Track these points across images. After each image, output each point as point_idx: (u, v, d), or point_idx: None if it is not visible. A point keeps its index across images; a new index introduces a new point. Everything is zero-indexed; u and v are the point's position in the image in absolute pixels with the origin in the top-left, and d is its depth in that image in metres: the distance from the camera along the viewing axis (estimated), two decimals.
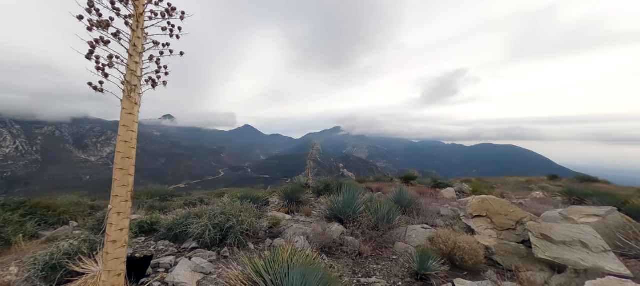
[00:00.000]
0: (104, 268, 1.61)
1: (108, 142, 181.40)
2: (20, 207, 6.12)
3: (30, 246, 5.33)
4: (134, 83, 1.66)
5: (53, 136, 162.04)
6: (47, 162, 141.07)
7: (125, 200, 1.64)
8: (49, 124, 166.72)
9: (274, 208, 8.59)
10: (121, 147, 1.61)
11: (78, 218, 7.25)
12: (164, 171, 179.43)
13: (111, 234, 1.61)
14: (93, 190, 13.81)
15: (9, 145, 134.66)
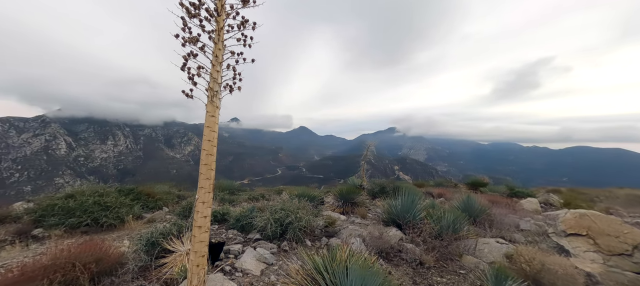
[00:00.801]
0: (191, 249, 1.88)
1: (189, 142, 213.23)
2: (130, 193, 7.66)
3: (136, 224, 6.63)
4: (215, 90, 1.89)
5: (150, 137, 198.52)
6: (147, 158, 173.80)
7: (208, 191, 1.88)
8: (148, 127, 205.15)
9: (328, 208, 8.72)
10: (205, 145, 1.86)
11: (169, 205, 8.70)
12: (231, 168, 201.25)
13: (197, 220, 1.87)
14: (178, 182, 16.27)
15: (121, 144, 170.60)
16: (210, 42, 2.03)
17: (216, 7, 1.85)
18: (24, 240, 5.25)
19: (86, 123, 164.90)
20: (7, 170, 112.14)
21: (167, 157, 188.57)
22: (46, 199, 6.33)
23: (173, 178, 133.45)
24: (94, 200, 6.16)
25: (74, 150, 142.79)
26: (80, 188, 6.84)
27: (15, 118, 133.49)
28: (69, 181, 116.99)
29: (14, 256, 4.56)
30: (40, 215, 5.80)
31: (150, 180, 14.09)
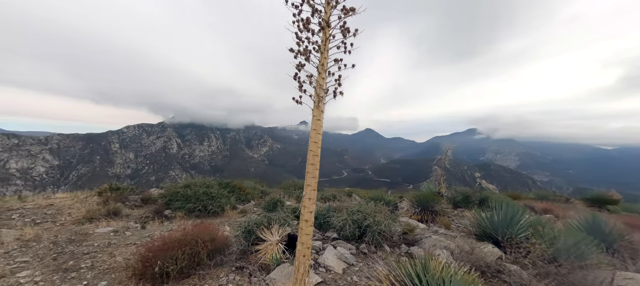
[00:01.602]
0: (299, 239, 2.07)
1: (264, 143, 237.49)
2: (227, 187, 9.00)
3: (232, 213, 7.75)
4: (321, 95, 2.05)
5: (235, 139, 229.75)
6: (232, 157, 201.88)
7: (314, 189, 2.04)
8: (233, 130, 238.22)
9: (404, 214, 8.28)
10: (312, 146, 2.03)
11: (255, 198, 9.87)
12: (301, 168, 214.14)
13: (304, 214, 2.05)
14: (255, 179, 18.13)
15: (214, 145, 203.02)
16: (314, 53, 2.19)
17: (323, 21, 2.01)
18: (160, 217, 6.80)
19: (190, 127, 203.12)
20: (141, 164, 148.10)
21: (247, 157, 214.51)
22: (172, 187, 8.07)
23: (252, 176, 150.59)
24: (203, 190, 7.50)
25: (182, 149, 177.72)
26: (193, 180, 8.45)
27: (146, 125, 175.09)
28: (178, 174, 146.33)
29: (155, 229, 5.96)
30: (168, 200, 7.42)
31: (234, 177, 16.16)
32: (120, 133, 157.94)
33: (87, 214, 6.16)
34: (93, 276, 3.86)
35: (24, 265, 4.07)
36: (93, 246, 4.86)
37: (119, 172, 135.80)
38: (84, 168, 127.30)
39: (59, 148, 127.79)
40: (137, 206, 7.55)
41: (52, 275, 3.82)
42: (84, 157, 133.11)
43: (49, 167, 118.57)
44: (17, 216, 5.88)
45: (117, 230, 5.72)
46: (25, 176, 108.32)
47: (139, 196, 8.03)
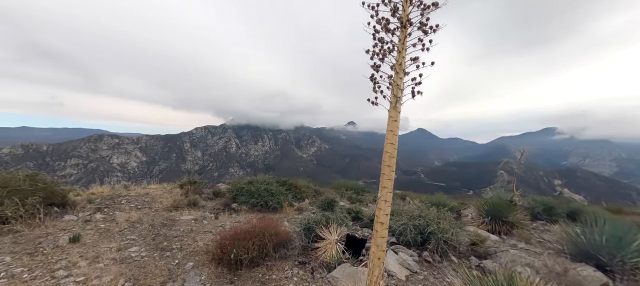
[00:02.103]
0: (373, 242, 2.07)
1: (313, 144, 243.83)
2: (284, 184, 9.51)
3: (289, 210, 8.16)
4: (398, 96, 2.00)
5: (286, 139, 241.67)
6: (283, 156, 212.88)
7: (390, 191, 2.01)
8: (284, 131, 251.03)
9: (470, 223, 7.53)
10: (388, 148, 2.00)
11: (309, 197, 10.20)
12: (348, 169, 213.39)
13: (380, 217, 2.04)
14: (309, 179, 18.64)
15: (266, 145, 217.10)
16: (389, 53, 2.15)
17: (402, 19, 1.96)
18: (229, 210, 7.56)
19: (246, 129, 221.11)
20: (206, 161, 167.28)
21: (297, 157, 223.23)
22: (237, 183, 8.90)
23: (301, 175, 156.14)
24: (264, 187, 8.07)
25: (239, 148, 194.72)
26: (255, 178, 9.18)
27: (211, 127, 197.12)
28: (237, 171, 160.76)
29: (226, 220, 6.65)
30: (235, 194, 8.20)
31: (284, 175, 16.79)
32: (191, 134, 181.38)
33: (174, 203, 7.24)
34: (182, 257, 4.51)
35: (133, 241, 4.99)
36: (180, 230, 5.67)
37: (190, 167, 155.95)
38: (164, 163, 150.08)
39: (146, 147, 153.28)
40: (209, 198, 8.56)
41: (153, 252, 4.59)
42: (164, 154, 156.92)
43: (139, 162, 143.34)
44: (125, 201, 7.26)
45: (197, 218, 6.57)
46: (123, 169, 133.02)
47: (211, 190, 9.07)
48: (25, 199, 5.13)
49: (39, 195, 5.41)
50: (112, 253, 4.39)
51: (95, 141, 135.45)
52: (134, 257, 4.35)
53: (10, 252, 4.15)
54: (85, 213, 6.08)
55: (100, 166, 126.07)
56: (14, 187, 5.27)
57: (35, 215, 5.16)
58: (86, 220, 5.75)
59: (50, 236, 4.79)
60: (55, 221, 5.47)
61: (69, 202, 6.16)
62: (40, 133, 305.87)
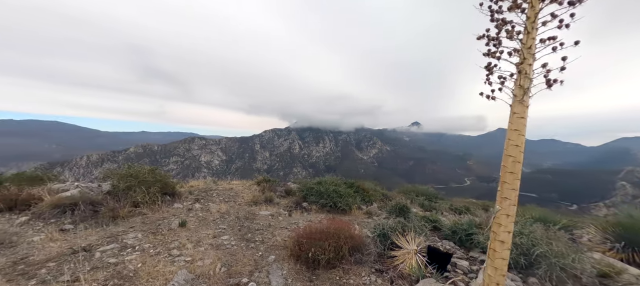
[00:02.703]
0: (489, 264, 1.74)
1: (373, 145, 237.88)
2: (351, 186, 9.40)
3: (358, 213, 8.00)
4: (526, 87, 1.63)
5: (346, 141, 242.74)
6: (343, 158, 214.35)
7: (513, 203, 1.65)
8: (344, 133, 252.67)
9: (588, 246, 5.93)
10: (512, 151, 1.65)
11: (376, 201, 9.84)
12: (412, 172, 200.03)
13: (500, 234, 1.70)
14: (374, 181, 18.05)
15: (327, 146, 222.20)
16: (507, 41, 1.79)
17: None
18: (300, 208, 7.89)
19: (309, 131, 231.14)
20: (273, 161, 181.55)
21: (357, 158, 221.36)
22: (306, 183, 9.24)
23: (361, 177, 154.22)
24: (333, 188, 8.12)
25: (302, 150, 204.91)
26: (323, 178, 9.36)
27: (277, 129, 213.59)
28: (300, 171, 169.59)
29: (298, 218, 6.94)
30: (305, 194, 8.51)
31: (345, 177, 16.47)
32: (261, 137, 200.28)
33: (253, 199, 7.97)
34: (265, 249, 4.86)
35: (224, 230, 5.65)
36: (260, 224, 6.17)
37: (260, 166, 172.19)
38: (239, 162, 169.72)
39: (225, 148, 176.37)
40: (282, 196, 9.13)
41: (240, 242, 5.09)
42: (239, 154, 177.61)
43: (220, 161, 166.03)
44: (215, 195, 8.38)
45: (273, 214, 7.06)
46: (208, 166, 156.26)
47: (283, 188, 9.67)
48: (149, 188, 6.41)
49: (158, 186, 6.69)
50: (209, 240, 5.05)
51: (189, 142, 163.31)
52: (226, 245, 4.91)
53: (141, 230, 5.21)
54: (188, 203, 7.23)
55: (192, 163, 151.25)
56: (142, 178, 6.65)
57: (155, 202, 6.39)
58: (189, 209, 6.83)
59: (165, 220, 5.84)
60: (168, 208, 6.67)
61: (176, 193, 7.45)
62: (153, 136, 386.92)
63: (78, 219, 5.37)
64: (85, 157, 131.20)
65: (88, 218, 5.48)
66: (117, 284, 3.38)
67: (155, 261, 4.00)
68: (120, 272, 3.65)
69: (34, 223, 5.24)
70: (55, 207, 5.41)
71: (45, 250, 4.22)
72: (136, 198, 6.14)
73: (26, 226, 5.13)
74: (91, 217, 5.53)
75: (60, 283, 3.30)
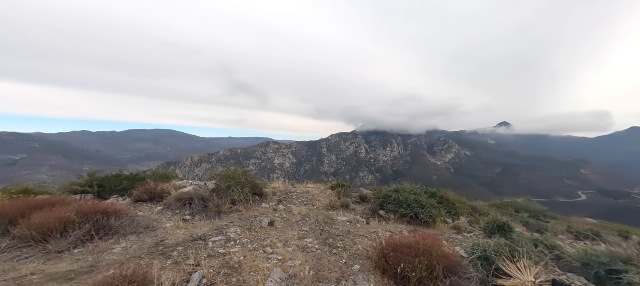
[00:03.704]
0: None
1: (449, 150, 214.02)
2: (433, 196, 8.56)
3: (443, 228, 7.17)
4: None
5: (416, 144, 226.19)
6: (413, 162, 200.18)
7: None
8: (414, 136, 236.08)
9: None
10: None
11: (464, 214, 8.66)
12: (499, 182, 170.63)
13: None
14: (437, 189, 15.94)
15: (395, 150, 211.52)
16: None
17: None
18: (377, 216, 7.61)
19: (375, 134, 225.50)
20: (340, 164, 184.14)
21: (429, 163, 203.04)
22: (381, 190, 8.89)
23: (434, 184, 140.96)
24: (413, 198, 7.55)
25: (369, 153, 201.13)
26: (401, 186, 8.83)
27: (343, 133, 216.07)
28: (366, 175, 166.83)
29: (377, 227, 6.69)
30: (381, 201, 8.18)
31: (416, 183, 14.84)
32: (327, 141, 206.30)
33: (330, 203, 8.14)
34: (348, 257, 4.83)
35: (306, 233, 5.91)
36: (339, 230, 6.21)
37: (327, 170, 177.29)
38: (308, 165, 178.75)
39: (296, 151, 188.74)
40: (357, 202, 9.03)
41: (323, 247, 5.21)
42: (307, 157, 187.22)
43: (291, 164, 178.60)
44: (295, 197, 8.94)
45: (351, 220, 7.02)
46: (281, 168, 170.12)
47: (357, 194, 9.57)
48: (243, 188, 7.29)
49: (249, 187, 7.54)
50: (295, 241, 5.34)
51: (265, 147, 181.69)
52: (311, 247, 5.09)
53: (239, 225, 5.94)
54: (273, 204, 7.91)
55: (268, 165, 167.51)
56: (237, 179, 7.62)
57: (248, 201, 7.21)
58: (274, 209, 7.45)
59: (257, 218, 6.51)
60: (257, 207, 7.44)
61: (263, 193, 8.25)
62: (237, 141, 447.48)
63: (194, 211, 6.52)
64: (189, 158, 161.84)
65: (200, 211, 6.59)
66: (227, 273, 3.89)
67: (253, 256, 4.46)
68: (228, 263, 4.20)
69: (166, 212, 6.62)
70: (179, 200, 6.72)
71: (175, 235, 5.25)
72: (234, 196, 7.06)
73: (161, 214, 6.52)
74: (202, 211, 6.63)
75: (187, 266, 4.01)
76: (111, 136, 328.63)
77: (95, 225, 4.75)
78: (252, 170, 9.34)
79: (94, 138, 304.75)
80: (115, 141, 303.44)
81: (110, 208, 5.27)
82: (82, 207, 4.97)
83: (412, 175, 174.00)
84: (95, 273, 3.68)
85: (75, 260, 4.13)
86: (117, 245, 4.70)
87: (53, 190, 7.89)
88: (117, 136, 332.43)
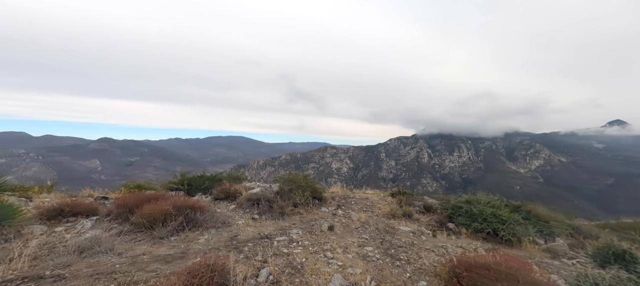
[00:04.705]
0: None
1: (536, 155, 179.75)
2: (517, 210, 7.29)
3: (534, 250, 6.02)
4: None
5: (490, 149, 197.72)
6: (487, 170, 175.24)
7: None
8: (488, 139, 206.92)
9: None
10: None
11: (562, 236, 7.10)
12: (611, 196, 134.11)
13: None
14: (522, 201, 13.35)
15: (464, 156, 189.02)
16: None
17: None
18: (445, 229, 6.90)
19: (439, 138, 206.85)
20: (399, 170, 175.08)
21: (509, 171, 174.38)
22: (450, 199, 8.03)
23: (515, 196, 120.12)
24: (491, 211, 6.57)
25: (432, 159, 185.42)
26: (474, 197, 7.82)
27: (402, 137, 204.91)
28: (429, 182, 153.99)
29: (445, 241, 6.06)
30: (450, 213, 7.38)
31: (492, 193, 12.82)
32: (386, 145, 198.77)
33: (390, 211, 7.77)
34: (412, 271, 4.50)
35: (366, 241, 5.76)
36: (401, 241, 5.85)
37: (385, 175, 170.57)
38: (365, 170, 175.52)
39: (352, 156, 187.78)
40: (421, 212, 8.38)
41: (384, 257, 4.98)
42: (364, 162, 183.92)
43: (348, 168, 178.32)
44: (354, 203, 8.85)
45: (414, 231, 6.55)
46: (338, 173, 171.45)
47: (421, 203, 8.88)
48: (304, 192, 7.59)
49: (309, 190, 7.81)
50: (355, 248, 5.26)
51: (322, 151, 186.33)
52: (371, 256, 4.93)
53: (300, 227, 6.19)
54: (332, 208, 8.00)
55: (325, 169, 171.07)
56: (298, 183, 7.99)
57: (309, 204, 7.47)
58: (333, 214, 7.53)
59: (316, 221, 6.68)
60: (317, 210, 7.64)
61: (322, 197, 8.43)
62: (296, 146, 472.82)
63: (261, 211, 7.10)
64: (256, 162, 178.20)
65: (266, 211, 7.14)
66: (291, 273, 4.08)
67: (314, 259, 4.57)
68: (291, 262, 4.40)
69: (238, 210, 7.41)
70: (248, 200, 7.43)
71: (245, 232, 5.81)
72: (295, 199, 7.42)
73: (234, 212, 7.32)
74: (268, 211, 7.16)
75: (256, 261, 4.37)
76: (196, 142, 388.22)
77: (186, 217, 5.64)
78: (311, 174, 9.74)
79: (184, 144, 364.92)
80: (199, 146, 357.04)
81: (196, 204, 6.18)
82: (176, 202, 5.96)
83: (486, 184, 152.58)
84: (185, 259, 4.35)
85: (171, 246, 4.97)
86: (201, 236, 5.47)
87: (156, 186, 9.73)
88: (200, 142, 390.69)
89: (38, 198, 7.63)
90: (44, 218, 5.57)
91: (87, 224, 5.54)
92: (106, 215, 6.02)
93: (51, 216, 5.66)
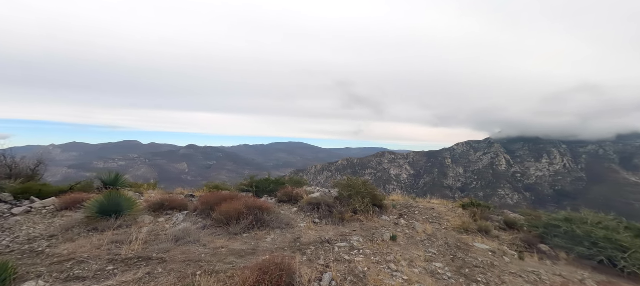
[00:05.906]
0: None
1: None
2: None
3: None
4: None
5: (596, 154, 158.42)
6: (591, 181, 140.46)
7: None
8: (591, 143, 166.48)
9: None
10: None
11: None
12: None
13: None
14: None
15: (558, 163, 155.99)
16: None
17: None
18: (536, 251, 5.77)
19: (521, 142, 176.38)
20: (469, 178, 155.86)
21: (625, 183, 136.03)
22: (544, 216, 6.68)
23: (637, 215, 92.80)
24: (603, 233, 5.21)
25: (512, 166, 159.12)
26: (576, 214, 6.35)
27: (472, 142, 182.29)
28: (508, 194, 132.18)
29: (539, 267, 5.06)
30: (543, 232, 6.15)
31: (599, 209, 9.94)
32: (452, 150, 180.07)
33: (462, 225, 6.94)
34: None
35: (434, 256, 5.26)
36: (478, 260, 5.14)
37: (451, 183, 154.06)
38: (427, 177, 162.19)
39: (413, 162, 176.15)
40: (501, 228, 7.23)
41: (457, 277, 4.45)
42: (427, 169, 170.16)
43: (408, 175, 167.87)
44: (418, 213, 8.24)
45: (494, 250, 5.68)
46: (397, 179, 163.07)
47: (501, 217, 7.67)
48: (364, 198, 7.44)
49: (369, 197, 7.62)
50: (422, 263, 4.86)
51: (380, 157, 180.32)
52: (441, 274, 4.48)
53: (361, 235, 6.07)
54: (393, 217, 7.61)
55: (383, 176, 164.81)
56: (357, 189, 7.88)
57: (369, 211, 7.29)
58: (395, 223, 7.15)
59: (377, 230, 6.45)
60: (378, 218, 7.37)
61: (383, 205, 8.11)
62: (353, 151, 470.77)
63: (321, 216, 7.26)
64: (314, 167, 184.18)
65: (326, 216, 7.25)
66: (353, 281, 4.02)
67: (377, 270, 4.40)
68: (353, 270, 4.34)
69: (299, 213, 7.74)
70: (309, 204, 7.68)
71: (307, 235, 6.01)
72: (355, 205, 7.33)
73: (296, 214, 7.68)
74: (327, 216, 7.27)
75: (318, 265, 4.46)
76: (261, 148, 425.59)
77: (255, 217, 6.17)
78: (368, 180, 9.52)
79: (251, 150, 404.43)
80: (264, 152, 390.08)
81: (264, 205, 6.71)
82: (248, 202, 6.59)
83: (591, 198, 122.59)
84: (256, 255, 4.74)
85: (244, 242, 5.49)
86: (268, 235, 5.90)
87: (230, 187, 10.99)
88: (264, 148, 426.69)
89: (147, 193, 9.51)
90: (151, 210, 6.90)
91: (180, 217, 6.60)
92: (193, 211, 7.07)
93: (155, 209, 6.96)
